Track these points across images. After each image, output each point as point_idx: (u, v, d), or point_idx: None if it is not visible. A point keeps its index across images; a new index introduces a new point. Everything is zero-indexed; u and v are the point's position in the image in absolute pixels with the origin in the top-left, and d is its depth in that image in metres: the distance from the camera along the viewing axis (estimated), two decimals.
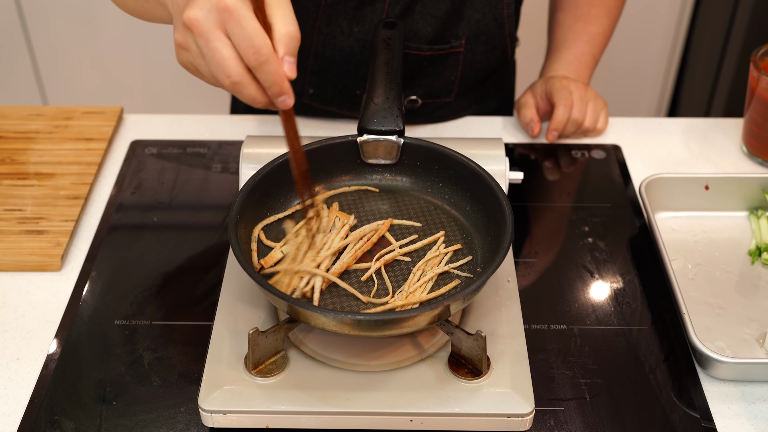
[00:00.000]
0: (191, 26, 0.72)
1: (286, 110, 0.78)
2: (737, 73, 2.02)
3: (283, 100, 0.75)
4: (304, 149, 0.83)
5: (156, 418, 0.85)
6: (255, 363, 0.83)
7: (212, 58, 0.72)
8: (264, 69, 0.72)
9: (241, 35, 0.71)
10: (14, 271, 1.02)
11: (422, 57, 1.20)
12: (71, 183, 1.13)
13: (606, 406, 0.87)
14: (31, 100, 2.32)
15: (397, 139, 0.97)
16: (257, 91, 0.74)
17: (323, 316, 0.78)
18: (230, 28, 0.71)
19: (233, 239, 0.85)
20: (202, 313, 0.96)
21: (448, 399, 0.82)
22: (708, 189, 1.09)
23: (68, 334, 0.94)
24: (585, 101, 1.21)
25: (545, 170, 1.19)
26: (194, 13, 0.72)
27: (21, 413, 0.86)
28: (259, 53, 0.71)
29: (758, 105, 1.14)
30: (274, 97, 0.75)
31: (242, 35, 0.71)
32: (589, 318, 0.97)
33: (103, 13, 2.17)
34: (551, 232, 1.09)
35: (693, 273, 1.02)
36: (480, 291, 0.84)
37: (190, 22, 0.72)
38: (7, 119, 1.24)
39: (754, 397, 0.89)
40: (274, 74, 0.73)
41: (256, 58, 0.72)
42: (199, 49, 0.73)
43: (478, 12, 1.18)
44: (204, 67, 0.74)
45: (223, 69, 0.72)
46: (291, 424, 0.82)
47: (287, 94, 0.75)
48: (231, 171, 1.17)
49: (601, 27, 1.28)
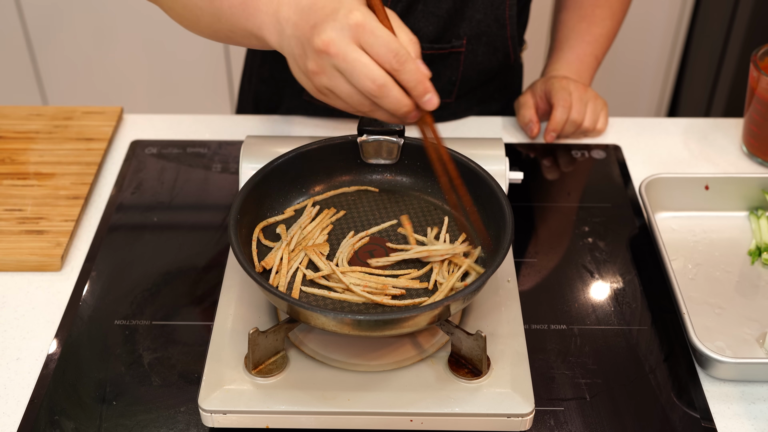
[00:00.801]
0: (327, 48, 0.74)
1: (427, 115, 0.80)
2: (737, 73, 2.02)
3: (429, 98, 0.77)
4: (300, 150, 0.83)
5: (156, 418, 0.85)
6: (255, 363, 0.84)
7: (354, 69, 0.75)
8: (406, 69, 0.75)
9: (378, 44, 0.74)
10: (14, 271, 1.02)
11: (423, 56, 1.20)
12: (71, 183, 1.13)
13: (606, 406, 0.87)
14: (31, 100, 2.32)
15: (397, 139, 0.97)
16: (402, 93, 0.76)
17: (323, 316, 0.78)
18: (365, 40, 0.74)
19: (233, 239, 0.85)
20: (202, 313, 0.96)
21: (448, 399, 0.82)
22: (708, 189, 1.09)
23: (68, 334, 0.94)
24: (584, 102, 1.21)
25: (545, 170, 1.19)
26: (327, 35, 0.74)
27: (21, 413, 0.86)
28: (399, 55, 0.75)
29: (758, 105, 1.14)
30: (420, 96, 0.77)
31: (380, 43, 0.74)
32: (589, 318, 0.97)
33: (103, 14, 2.17)
34: (551, 232, 1.09)
35: (693, 273, 1.02)
36: (480, 291, 0.84)
37: (325, 44, 0.74)
38: (7, 119, 1.24)
39: (754, 397, 0.89)
40: (416, 72, 0.76)
41: (397, 60, 0.75)
42: (336, 68, 0.75)
43: (480, 12, 1.18)
44: (343, 86, 0.76)
45: (367, 74, 0.75)
46: (291, 424, 0.82)
47: (432, 92, 0.78)
48: (231, 171, 1.17)
49: (604, 28, 1.28)
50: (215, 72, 2.26)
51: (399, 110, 0.77)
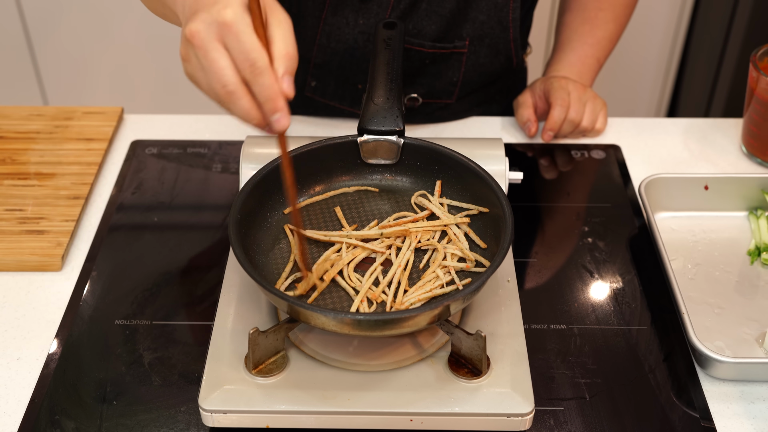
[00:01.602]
0: (191, 38, 0.73)
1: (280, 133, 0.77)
2: (737, 74, 2.02)
3: (277, 118, 0.74)
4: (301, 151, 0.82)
5: (156, 417, 0.85)
6: (255, 363, 0.84)
7: (209, 68, 0.73)
8: (259, 81, 0.72)
9: (238, 48, 0.72)
10: (15, 271, 1.02)
11: (425, 54, 1.20)
12: (72, 183, 1.13)
13: (606, 406, 0.87)
14: (32, 101, 2.32)
15: (397, 140, 0.97)
16: (251, 103, 0.74)
17: (323, 316, 0.78)
18: (228, 41, 0.72)
19: (233, 239, 0.85)
20: (202, 313, 0.96)
21: (448, 399, 0.82)
22: (707, 189, 1.09)
23: (69, 334, 0.94)
24: (583, 102, 1.21)
25: (545, 170, 1.19)
26: (195, 26, 0.73)
27: (22, 413, 0.86)
28: (254, 65, 0.72)
29: (757, 105, 1.14)
30: (269, 113, 0.74)
31: (239, 48, 0.72)
32: (589, 318, 0.97)
33: (103, 14, 2.17)
34: (551, 232, 1.10)
35: (692, 273, 1.02)
36: (480, 291, 0.84)
37: (191, 34, 0.73)
38: (8, 119, 1.24)
39: (754, 397, 0.89)
40: (269, 88, 0.73)
41: (251, 70, 0.72)
42: (198, 60, 0.74)
43: (483, 14, 1.18)
44: (202, 79, 0.75)
45: (218, 78, 0.73)
46: (291, 423, 0.82)
47: (282, 112, 0.74)
48: (231, 171, 1.17)
49: (607, 31, 1.28)
50: None
51: (247, 120, 0.75)
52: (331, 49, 1.20)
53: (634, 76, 2.32)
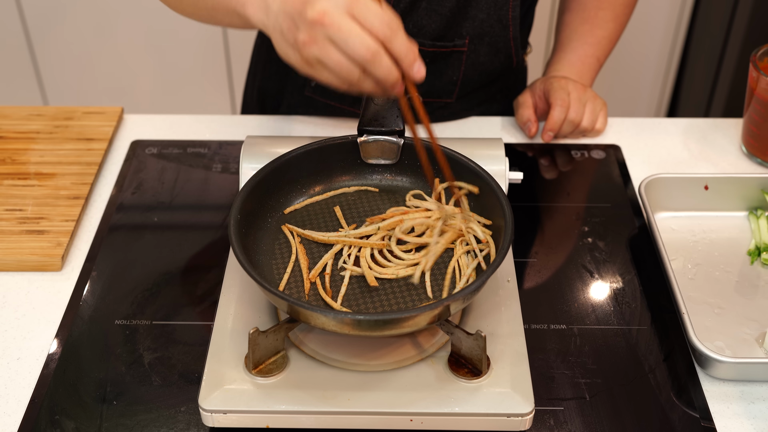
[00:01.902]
0: (321, 18, 0.77)
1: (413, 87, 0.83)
2: (737, 74, 2.02)
3: (418, 67, 0.81)
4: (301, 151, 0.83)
5: (156, 417, 0.85)
6: (255, 363, 0.84)
7: (347, 39, 0.77)
8: (398, 39, 0.79)
9: (371, 15, 0.78)
10: (15, 271, 1.02)
11: (424, 53, 1.20)
12: (72, 183, 1.13)
13: (606, 406, 0.87)
14: (32, 101, 2.32)
15: (397, 139, 0.97)
16: (391, 63, 0.79)
17: (323, 316, 0.78)
18: (358, 11, 0.77)
19: (233, 239, 0.85)
20: (202, 313, 0.96)
21: (448, 399, 0.82)
22: (707, 189, 1.09)
23: (69, 334, 0.94)
24: (583, 102, 1.21)
25: (545, 170, 1.19)
26: (322, 6, 0.77)
27: (22, 413, 0.86)
28: (390, 26, 0.78)
29: (757, 105, 1.14)
30: (411, 65, 0.80)
31: (373, 15, 0.78)
32: (589, 318, 0.97)
33: (103, 14, 2.17)
34: (551, 232, 1.10)
35: (692, 273, 1.02)
36: (480, 291, 0.84)
37: (321, 14, 0.77)
38: (8, 119, 1.24)
39: (754, 397, 0.89)
40: (406, 43, 0.79)
41: (390, 30, 0.78)
42: (328, 38, 0.78)
43: (483, 12, 1.18)
44: (333, 55, 0.78)
45: (361, 41, 0.77)
46: (291, 423, 0.82)
47: (420, 61, 0.81)
48: (231, 171, 1.17)
49: (606, 31, 1.28)
50: (215, 72, 2.26)
51: (389, 78, 0.80)
52: None
53: (634, 76, 2.32)
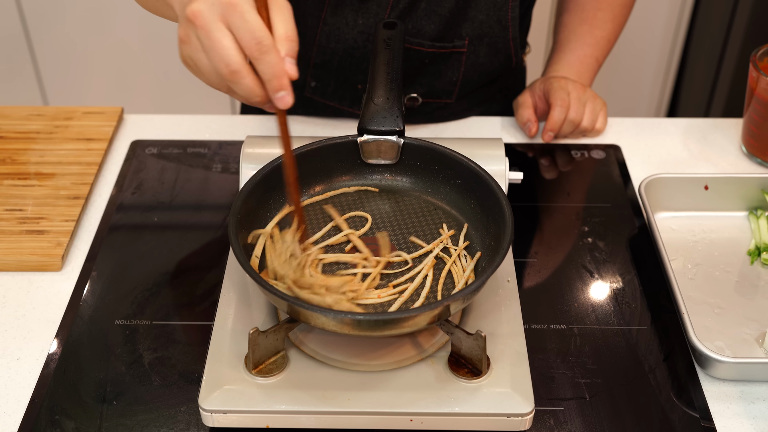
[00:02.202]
0: (193, 19, 0.73)
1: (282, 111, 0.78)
2: (737, 74, 2.02)
3: (282, 96, 0.75)
4: (301, 151, 0.82)
5: (156, 417, 0.85)
6: (255, 363, 0.84)
7: (212, 47, 0.73)
8: (265, 60, 0.73)
9: (243, 27, 0.72)
10: (15, 270, 1.02)
11: (424, 54, 1.20)
12: (72, 183, 1.13)
13: (606, 406, 0.87)
14: (32, 101, 2.32)
15: (397, 140, 0.97)
16: (255, 82, 0.75)
17: (323, 316, 0.78)
18: (232, 21, 0.72)
19: (233, 239, 0.85)
20: (202, 313, 0.96)
21: (448, 399, 0.82)
22: (707, 189, 1.09)
23: (69, 334, 0.94)
24: (583, 102, 1.21)
25: (545, 170, 1.19)
26: (197, 6, 0.73)
27: (22, 413, 0.86)
28: (261, 44, 0.73)
29: (757, 105, 1.14)
30: (274, 91, 0.75)
31: (245, 27, 0.72)
32: (589, 318, 0.97)
33: (103, 14, 2.17)
34: (551, 232, 1.10)
35: (692, 273, 1.02)
36: (480, 291, 0.84)
37: (193, 14, 0.73)
38: (8, 119, 1.24)
39: (754, 397, 0.89)
40: (274, 66, 0.74)
41: (258, 48, 0.73)
42: (199, 41, 0.74)
43: (483, 13, 1.18)
44: (203, 61, 0.75)
45: (222, 57, 0.73)
46: (291, 423, 0.82)
47: (287, 90, 0.75)
48: (231, 171, 1.17)
49: (605, 31, 1.28)
50: None
51: (250, 99, 0.76)
52: (330, 50, 1.20)
53: (634, 76, 2.32)
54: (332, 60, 1.22)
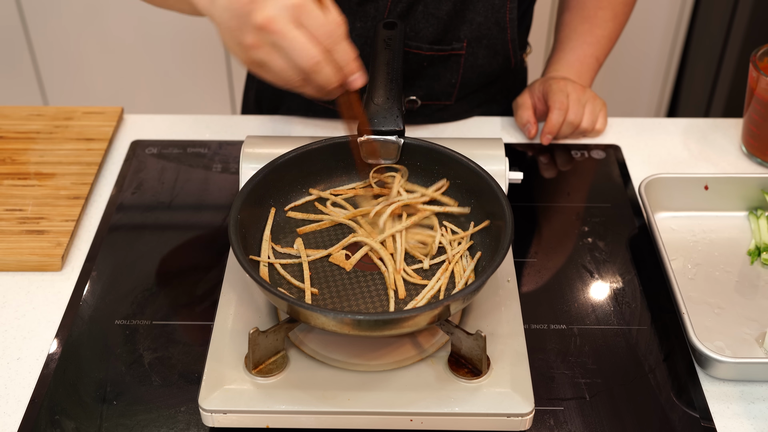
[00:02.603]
0: (267, 25, 0.78)
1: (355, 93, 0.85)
2: (737, 74, 2.02)
3: (357, 76, 0.84)
4: (301, 151, 0.84)
5: (156, 417, 0.85)
6: (255, 363, 0.84)
7: (292, 47, 0.79)
8: (340, 48, 0.81)
9: (316, 24, 0.79)
10: (15, 271, 1.02)
11: (423, 57, 1.20)
12: (72, 183, 1.13)
13: (606, 406, 0.87)
14: (32, 101, 2.32)
15: (397, 139, 0.97)
16: (334, 70, 0.81)
17: (323, 316, 0.78)
18: (304, 20, 0.79)
19: (233, 239, 0.85)
20: (202, 313, 0.96)
21: (448, 399, 0.82)
22: (707, 189, 1.09)
23: (69, 334, 0.94)
24: (582, 103, 1.21)
25: (545, 170, 1.19)
26: (269, 12, 0.78)
27: (22, 413, 0.86)
28: (334, 35, 0.80)
29: (757, 105, 1.14)
30: (350, 74, 0.83)
31: (318, 23, 0.79)
32: (589, 318, 0.97)
33: (103, 14, 2.17)
34: (551, 232, 1.10)
35: (692, 273, 1.02)
36: (480, 291, 0.84)
37: (267, 20, 0.78)
38: (8, 119, 1.24)
39: (754, 397, 0.89)
40: (348, 52, 0.82)
41: (333, 39, 0.80)
42: (274, 44, 0.79)
43: (481, 15, 1.18)
44: (278, 60, 0.80)
45: (305, 52, 0.79)
46: (291, 423, 0.82)
47: (361, 70, 0.84)
48: (231, 171, 1.17)
49: (606, 30, 1.28)
50: (215, 72, 2.26)
51: (328, 86, 0.82)
52: None
53: (634, 76, 2.32)
54: None
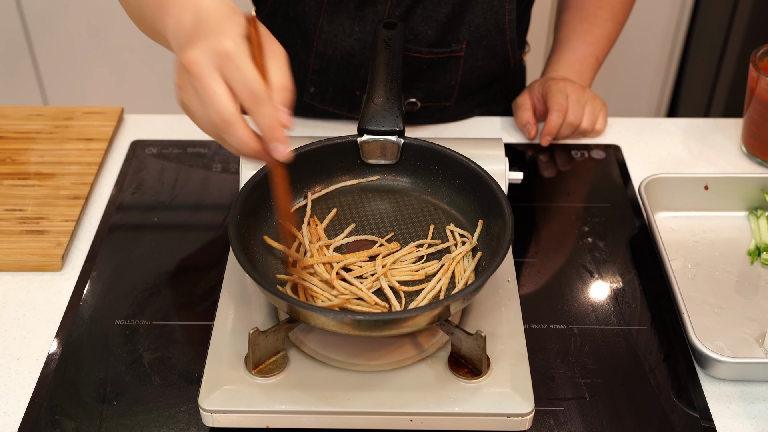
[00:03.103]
0: (190, 67, 0.73)
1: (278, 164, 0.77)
2: (737, 74, 2.02)
3: (277, 147, 0.75)
4: (301, 151, 0.82)
5: (156, 417, 0.85)
6: (255, 363, 0.84)
7: (206, 96, 0.72)
8: (260, 111, 0.73)
9: (238, 78, 0.72)
10: (15, 271, 1.02)
11: (422, 60, 1.20)
12: (72, 183, 1.13)
13: (606, 406, 0.87)
14: (32, 101, 2.32)
15: (397, 140, 0.97)
16: (247, 134, 0.74)
17: (323, 316, 0.78)
18: (228, 71, 0.72)
19: (233, 239, 0.85)
20: (202, 313, 0.96)
21: (448, 399, 0.82)
22: (707, 189, 1.09)
23: (69, 334, 0.94)
24: (582, 104, 1.21)
25: (545, 170, 1.19)
26: (194, 54, 0.72)
27: (22, 413, 0.86)
28: (256, 95, 0.72)
29: (757, 105, 1.14)
30: (270, 141, 0.74)
31: (240, 78, 0.72)
32: (589, 318, 0.97)
33: (103, 14, 2.17)
34: (551, 232, 1.10)
35: (692, 273, 1.02)
36: (480, 291, 0.84)
37: (189, 63, 0.73)
38: (8, 119, 1.24)
39: (754, 397, 0.89)
40: (270, 117, 0.73)
41: (253, 100, 0.72)
42: (195, 90, 0.74)
43: (479, 17, 1.18)
44: (198, 109, 0.74)
45: (216, 107, 0.72)
46: (291, 423, 0.83)
47: (283, 143, 0.75)
48: (231, 171, 1.17)
49: (605, 30, 1.27)
50: None
51: (242, 150, 0.75)
52: (328, 57, 1.20)
53: (634, 76, 2.32)
54: (330, 67, 1.22)
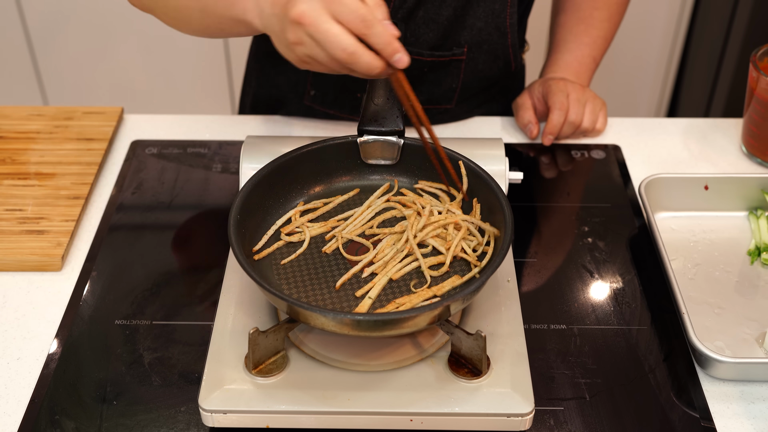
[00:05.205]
0: (300, 19, 0.79)
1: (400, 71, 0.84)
2: (737, 74, 2.02)
3: (399, 57, 0.82)
4: (301, 151, 0.83)
5: (156, 417, 0.85)
6: (255, 363, 0.84)
7: (326, 39, 0.79)
8: (374, 32, 0.80)
9: (346, 11, 0.79)
10: (15, 271, 1.02)
11: (423, 63, 1.20)
12: (72, 183, 1.13)
13: (606, 406, 0.87)
14: (32, 101, 2.32)
15: (397, 140, 0.97)
16: (372, 56, 0.81)
17: (323, 316, 0.78)
18: (334, 9, 0.79)
19: (233, 239, 0.85)
20: (202, 313, 0.96)
21: (448, 399, 0.82)
22: (707, 189, 1.09)
23: (69, 334, 0.94)
24: (582, 103, 1.21)
25: (545, 170, 1.19)
26: (300, 7, 0.79)
27: (22, 413, 0.86)
28: (365, 20, 0.79)
29: (757, 105, 1.14)
30: (390, 57, 0.81)
31: (347, 11, 0.79)
32: (589, 318, 0.97)
33: (104, 14, 2.17)
34: (551, 232, 1.10)
35: (692, 273, 1.02)
36: (480, 291, 0.84)
37: (299, 15, 0.79)
38: (8, 119, 1.24)
39: (754, 397, 0.89)
40: (384, 35, 0.80)
41: (364, 25, 0.79)
42: (311, 37, 0.80)
43: (481, 21, 1.18)
44: (320, 53, 0.80)
45: (338, 43, 0.79)
46: (291, 423, 0.83)
47: (401, 51, 0.82)
48: (231, 171, 1.17)
49: (602, 30, 1.28)
50: (215, 72, 2.26)
51: (371, 72, 0.81)
52: None
53: (634, 76, 2.32)
54: None
